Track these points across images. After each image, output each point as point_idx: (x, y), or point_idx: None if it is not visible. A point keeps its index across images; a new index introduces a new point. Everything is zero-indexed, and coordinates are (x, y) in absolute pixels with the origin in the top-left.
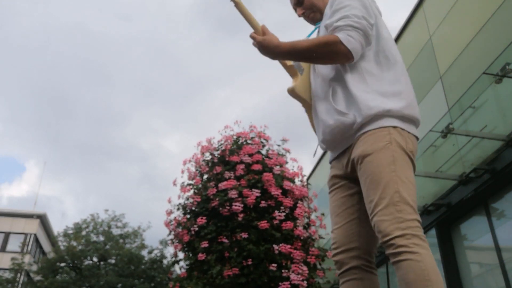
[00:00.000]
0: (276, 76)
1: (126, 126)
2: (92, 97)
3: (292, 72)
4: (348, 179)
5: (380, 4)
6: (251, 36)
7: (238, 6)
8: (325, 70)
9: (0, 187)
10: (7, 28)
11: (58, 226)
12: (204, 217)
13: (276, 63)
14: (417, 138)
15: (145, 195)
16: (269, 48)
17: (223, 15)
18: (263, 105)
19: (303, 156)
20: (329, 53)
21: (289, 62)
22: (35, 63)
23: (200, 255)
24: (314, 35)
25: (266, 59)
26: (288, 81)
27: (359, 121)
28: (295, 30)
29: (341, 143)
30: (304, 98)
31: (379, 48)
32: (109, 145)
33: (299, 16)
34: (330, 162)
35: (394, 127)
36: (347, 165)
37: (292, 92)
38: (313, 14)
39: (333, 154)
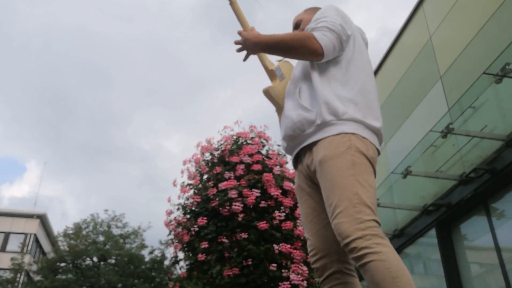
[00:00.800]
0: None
1: (127, 126)
2: (93, 98)
3: (272, 76)
4: (315, 185)
5: (380, 4)
6: (238, 32)
7: (233, 5)
8: (298, 73)
9: (1, 187)
10: (8, 29)
11: (59, 227)
12: (205, 218)
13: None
14: (378, 151)
15: (146, 196)
16: (251, 39)
17: (225, 18)
18: (264, 106)
19: None
20: (302, 47)
21: (271, 66)
22: (37, 63)
23: (200, 255)
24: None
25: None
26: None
27: (320, 121)
28: None
29: (300, 140)
30: (276, 100)
31: (351, 59)
32: (110, 145)
33: None
34: (295, 168)
35: (354, 133)
36: (308, 168)
37: (266, 93)
38: None
39: (294, 155)
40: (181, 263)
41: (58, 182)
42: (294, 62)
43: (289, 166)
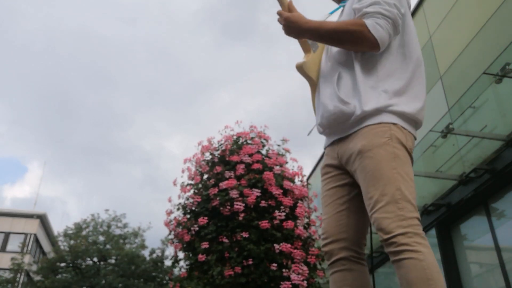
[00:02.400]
0: (279, 80)
1: (129, 127)
2: (95, 99)
3: (305, 47)
4: (341, 170)
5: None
6: (278, 13)
7: None
8: (337, 53)
9: (3, 187)
10: (11, 31)
11: (61, 227)
12: (206, 217)
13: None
14: (415, 138)
15: (147, 196)
16: (297, 23)
17: (229, 22)
18: (266, 108)
19: (305, 159)
20: (355, 40)
21: None
22: (39, 65)
23: (200, 256)
24: (337, 14)
25: (269, 61)
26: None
27: (358, 114)
28: None
29: (336, 131)
30: (311, 76)
31: (402, 42)
32: (112, 146)
33: None
34: (325, 148)
35: (394, 124)
36: (342, 157)
37: (300, 68)
38: None
39: (328, 140)
40: (181, 263)
41: (61, 183)
42: None
43: (289, 166)
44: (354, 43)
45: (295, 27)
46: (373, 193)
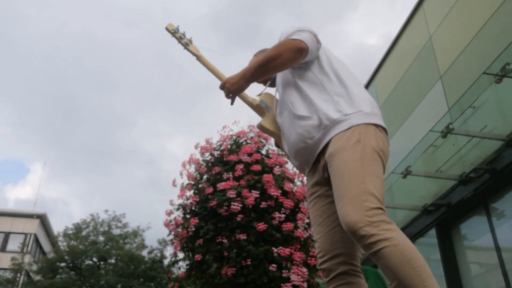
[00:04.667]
0: None
1: (131, 129)
2: (98, 101)
3: (260, 111)
4: (326, 186)
5: (380, 4)
6: (220, 87)
7: (200, 59)
8: (282, 89)
9: (5, 188)
10: (15, 33)
11: (62, 227)
12: (196, 217)
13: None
14: (385, 131)
15: (150, 198)
16: (236, 77)
17: (234, 27)
18: None
19: None
20: (285, 51)
21: (255, 102)
22: (42, 67)
23: (197, 256)
24: (278, 81)
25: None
26: None
27: (328, 122)
28: None
29: (312, 149)
30: (273, 131)
31: (331, 58)
32: (115, 148)
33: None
34: (307, 174)
35: (363, 124)
36: (323, 170)
37: (261, 127)
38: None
39: (308, 166)
40: (181, 263)
41: (63, 184)
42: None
43: (289, 166)
44: (286, 55)
45: (234, 81)
46: (340, 189)
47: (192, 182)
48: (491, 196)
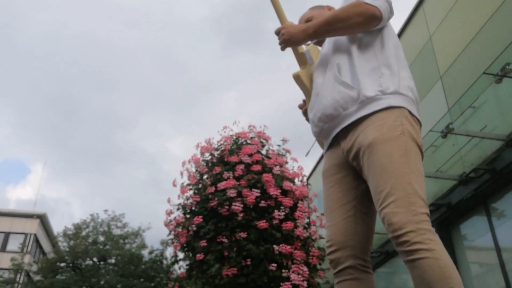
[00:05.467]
0: (283, 85)
1: (132, 130)
2: (99, 102)
3: (302, 60)
4: (347, 170)
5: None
6: (276, 31)
7: None
8: (328, 49)
9: (6, 189)
10: (16, 34)
11: (63, 228)
12: (200, 216)
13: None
14: (420, 124)
15: (151, 198)
16: (295, 32)
17: (235, 29)
18: (270, 112)
19: (307, 160)
20: (355, 15)
21: (301, 49)
22: (44, 68)
23: (198, 255)
24: (329, 39)
25: (274, 66)
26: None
27: (364, 97)
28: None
29: (340, 120)
30: (306, 85)
31: (392, 40)
32: (116, 148)
33: None
34: (325, 152)
35: (402, 107)
36: (349, 151)
37: (297, 77)
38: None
39: (328, 140)
40: (181, 263)
41: (65, 184)
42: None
43: (289, 166)
44: (356, 21)
45: (295, 32)
46: (383, 187)
47: (192, 182)
48: (491, 196)
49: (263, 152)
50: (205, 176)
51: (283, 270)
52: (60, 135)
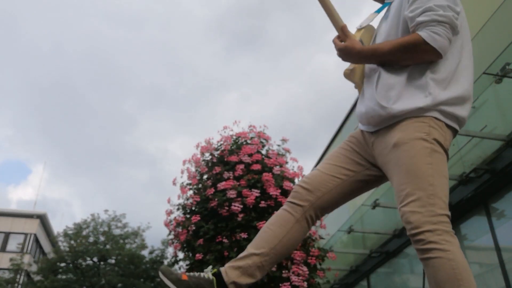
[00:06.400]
0: (285, 86)
1: (134, 130)
2: (100, 102)
3: None
4: (365, 151)
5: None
6: (334, 42)
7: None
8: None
9: (7, 189)
10: (18, 34)
11: (63, 228)
12: (198, 215)
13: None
14: (455, 132)
15: (152, 199)
16: (351, 54)
17: (238, 31)
18: (271, 113)
19: (307, 160)
20: (414, 55)
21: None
22: (45, 68)
23: (197, 255)
24: (382, 13)
25: (276, 68)
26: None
27: (396, 113)
28: (307, 44)
29: (374, 126)
30: (357, 82)
31: (456, 41)
32: (117, 149)
33: None
34: (362, 130)
35: (434, 117)
36: (375, 149)
37: (347, 75)
38: None
39: (365, 127)
40: (181, 263)
41: (66, 185)
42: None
43: (289, 166)
44: (413, 58)
45: (350, 56)
46: (405, 186)
47: (192, 183)
48: (491, 196)
49: (263, 152)
50: (205, 176)
51: (283, 271)
52: (62, 135)
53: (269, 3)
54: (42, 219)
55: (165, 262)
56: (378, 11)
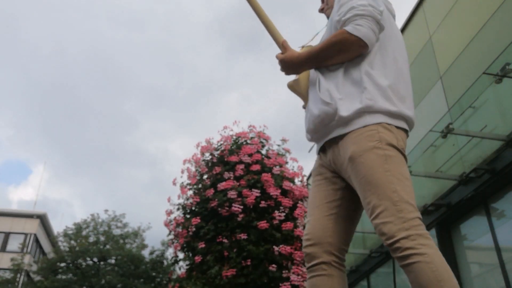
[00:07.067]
0: (285, 85)
1: (135, 131)
2: (101, 103)
3: None
4: (333, 173)
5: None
6: (276, 57)
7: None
8: None
9: (8, 189)
10: (19, 35)
11: (63, 228)
12: (199, 217)
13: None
14: (406, 132)
15: (153, 199)
16: (291, 61)
17: (241, 34)
18: (272, 114)
19: (307, 161)
20: (342, 48)
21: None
22: (47, 69)
23: (196, 257)
24: (324, 30)
25: (276, 69)
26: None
27: (341, 116)
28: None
29: (324, 134)
30: (302, 93)
31: (384, 39)
32: (118, 149)
33: (319, 11)
34: (318, 154)
35: (380, 123)
36: (335, 164)
37: (291, 87)
38: (329, 10)
39: (319, 145)
40: (181, 263)
41: (67, 185)
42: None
43: (289, 166)
44: (343, 52)
45: (290, 65)
46: (370, 198)
47: (192, 183)
48: (491, 196)
49: (263, 152)
50: (205, 176)
51: (283, 271)
52: (62, 136)
53: (270, 4)
54: (42, 219)
55: (165, 262)
56: (317, 33)
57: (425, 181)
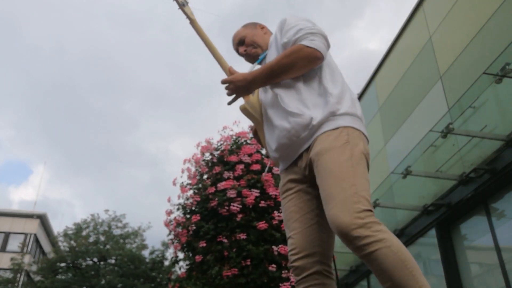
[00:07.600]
0: None
1: (135, 131)
2: (102, 103)
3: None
4: (306, 183)
5: (381, 4)
6: (223, 81)
7: (193, 24)
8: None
9: (8, 189)
10: (20, 35)
11: (63, 228)
12: (198, 215)
13: None
14: (367, 139)
15: (153, 200)
16: (242, 80)
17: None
18: None
19: None
20: (298, 60)
21: None
22: (47, 69)
23: (197, 257)
24: (261, 63)
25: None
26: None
27: (316, 122)
28: None
29: (296, 146)
30: (255, 115)
31: (329, 63)
32: (119, 150)
33: (241, 54)
34: (282, 171)
35: (350, 127)
36: (305, 168)
37: (244, 110)
38: (254, 50)
39: (286, 163)
40: (181, 263)
41: (68, 186)
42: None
43: None
44: (300, 65)
45: (243, 83)
46: (329, 190)
47: (192, 183)
48: (491, 196)
49: (263, 151)
50: (205, 176)
51: (283, 271)
52: (63, 136)
53: (270, 5)
54: (42, 219)
55: (166, 262)
56: (258, 61)
57: (425, 181)
